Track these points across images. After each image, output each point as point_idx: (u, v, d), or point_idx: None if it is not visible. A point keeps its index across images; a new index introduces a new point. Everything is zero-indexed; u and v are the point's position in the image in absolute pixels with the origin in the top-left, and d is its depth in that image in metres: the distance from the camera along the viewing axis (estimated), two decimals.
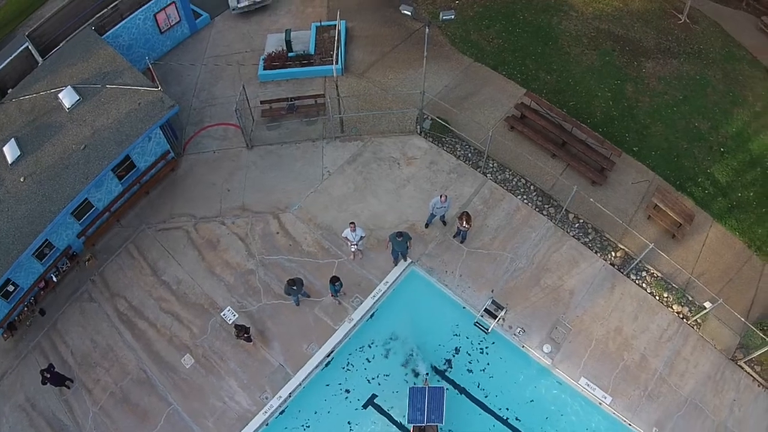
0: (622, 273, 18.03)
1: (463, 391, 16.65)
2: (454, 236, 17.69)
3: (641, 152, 20.09)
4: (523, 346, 16.93)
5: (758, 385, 17.49)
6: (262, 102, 20.05)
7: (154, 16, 21.32)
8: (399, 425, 16.02)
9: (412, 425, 14.93)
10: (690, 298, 18.01)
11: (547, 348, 16.81)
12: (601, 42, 22.60)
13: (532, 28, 23.16)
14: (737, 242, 19.23)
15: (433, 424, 14.86)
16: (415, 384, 16.08)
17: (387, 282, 17.11)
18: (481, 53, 22.18)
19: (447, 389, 15.64)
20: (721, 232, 19.31)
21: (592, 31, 22.88)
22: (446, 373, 16.80)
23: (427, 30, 16.59)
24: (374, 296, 16.93)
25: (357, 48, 22.45)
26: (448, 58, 21.92)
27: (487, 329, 16.79)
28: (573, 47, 22.58)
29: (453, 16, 16.19)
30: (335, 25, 20.75)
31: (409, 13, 16.20)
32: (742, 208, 19.90)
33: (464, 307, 17.24)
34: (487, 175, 19.00)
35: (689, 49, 22.72)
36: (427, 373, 16.59)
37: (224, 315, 16.97)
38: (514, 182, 18.89)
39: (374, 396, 16.41)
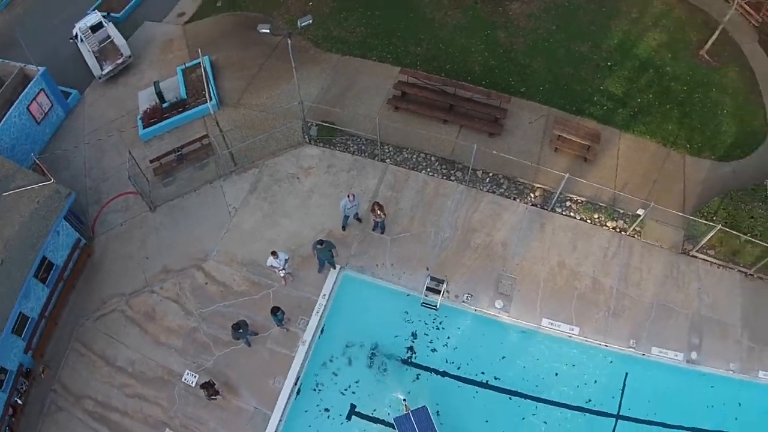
0: (547, 210, 22.72)
1: (434, 371, 20.68)
2: (373, 229, 22.25)
3: (529, 91, 25.68)
4: (475, 310, 21.12)
5: (717, 267, 22.49)
6: (151, 161, 24.07)
7: (27, 108, 25.13)
8: (387, 423, 19.80)
9: None
10: (621, 211, 23.00)
11: (499, 303, 21.38)
12: None
13: (391, 6, 28.22)
14: (650, 144, 24.78)
15: None
16: (398, 409, 19.99)
17: (325, 295, 21.18)
18: (346, 46, 27.38)
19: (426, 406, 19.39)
20: (631, 140, 24.86)
21: None
22: (412, 360, 20.71)
23: (289, 41, 20.54)
24: (317, 312, 20.90)
25: (226, 78, 27.06)
26: (316, 61, 27.16)
27: (436, 306, 20.94)
28: (435, 12, 28.30)
29: (311, 20, 20.22)
30: (200, 63, 25.59)
31: (268, 31, 20.17)
32: (645, 112, 25.51)
33: (407, 294, 21.37)
34: (386, 160, 23.94)
35: None
36: (404, 398, 20.23)
37: (185, 380, 20.36)
38: (414, 159, 23.81)
39: (353, 406, 20.20)
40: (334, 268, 21.30)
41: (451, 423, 19.74)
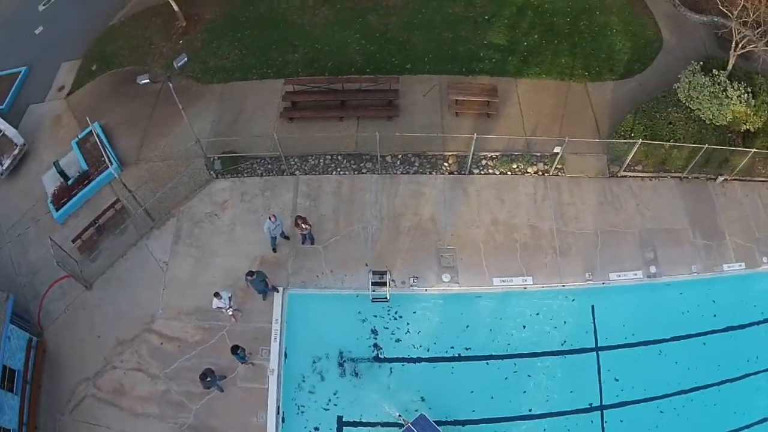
0: (465, 174, 26.01)
1: (406, 360, 23.67)
2: (303, 243, 25.20)
3: (415, 66, 28.92)
4: (426, 290, 24.20)
5: (650, 179, 26.61)
6: (73, 240, 25.85)
7: None
8: (379, 424, 22.85)
9: None
10: (539, 155, 26.53)
11: (446, 277, 24.40)
12: None
13: (259, 22, 31.35)
14: (549, 83, 28.51)
15: None
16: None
17: (277, 320, 23.67)
18: (226, 73, 30.01)
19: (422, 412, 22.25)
20: (529, 84, 28.54)
21: None
22: (381, 356, 23.54)
23: (170, 84, 22.98)
24: (275, 339, 23.38)
25: (120, 138, 29.25)
26: (201, 95, 29.46)
27: (386, 297, 23.74)
28: (303, 16, 31.41)
29: (186, 58, 22.90)
30: (91, 131, 27.16)
31: (148, 80, 22.91)
32: (535, 53, 29.22)
33: (356, 295, 24.14)
34: (296, 173, 26.77)
35: None
36: (399, 414, 22.89)
37: None
38: (322, 164, 26.52)
39: (340, 417, 22.95)
40: (277, 291, 24.04)
41: (438, 405, 22.96)
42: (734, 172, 26.94)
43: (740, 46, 24.96)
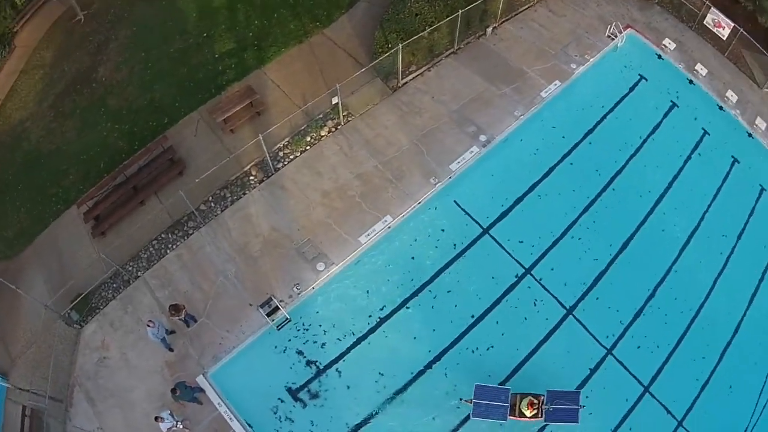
0: (272, 174, 26.08)
1: (342, 356, 23.79)
2: (189, 326, 23.84)
3: (172, 116, 27.99)
4: (312, 288, 24.25)
5: (428, 71, 28.88)
6: None
7: None
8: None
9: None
10: (322, 115, 26.98)
11: (321, 266, 24.21)
12: (59, 105, 30.60)
13: (21, 170, 29.66)
14: (291, 52, 28.78)
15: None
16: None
17: (219, 404, 22.90)
18: (26, 234, 27.96)
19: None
20: (276, 64, 28.46)
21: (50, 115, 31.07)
22: (321, 367, 23.51)
23: None
24: (231, 418, 22.72)
25: None
26: (20, 268, 27.26)
27: (287, 318, 23.65)
28: (54, 140, 29.94)
29: None
30: None
31: None
32: (264, 36, 29.42)
33: (261, 335, 23.93)
34: (139, 274, 25.73)
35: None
36: (460, 398, 23.18)
37: None
38: (154, 251, 25.61)
39: None
40: (202, 390, 23.35)
41: (398, 369, 23.64)
42: (498, 17, 28.43)
43: None
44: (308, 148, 26.41)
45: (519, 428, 22.85)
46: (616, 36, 29.95)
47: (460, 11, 27.09)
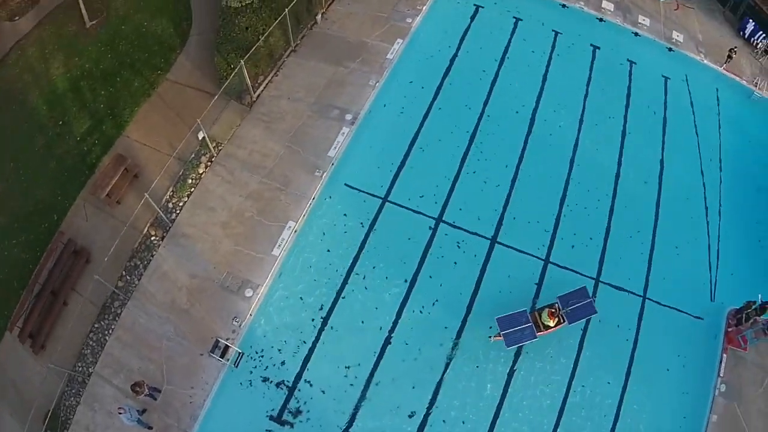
0: (169, 230, 26.13)
1: (304, 365, 24.22)
2: (155, 399, 23.82)
3: (60, 209, 27.10)
4: (250, 315, 24.65)
5: (275, 76, 28.74)
6: None
7: None
8: None
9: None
10: (194, 155, 27.40)
11: (249, 292, 24.73)
12: None
13: None
14: (144, 108, 29.17)
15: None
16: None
17: None
18: None
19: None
20: (136, 125, 28.77)
21: None
22: (289, 385, 23.76)
23: None
24: None
25: None
26: None
27: (239, 353, 23.92)
28: None
29: None
30: None
31: None
32: (114, 103, 29.47)
33: (224, 378, 24.02)
34: (90, 369, 25.47)
35: None
36: (490, 336, 24.07)
37: None
38: (91, 346, 25.13)
39: None
40: None
41: (357, 356, 24.43)
42: (324, 3, 30.34)
43: None
44: (193, 189, 26.50)
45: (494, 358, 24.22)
46: None
47: (286, 10, 27.35)
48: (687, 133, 31.09)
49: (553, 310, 24.00)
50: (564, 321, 24.21)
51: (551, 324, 24.06)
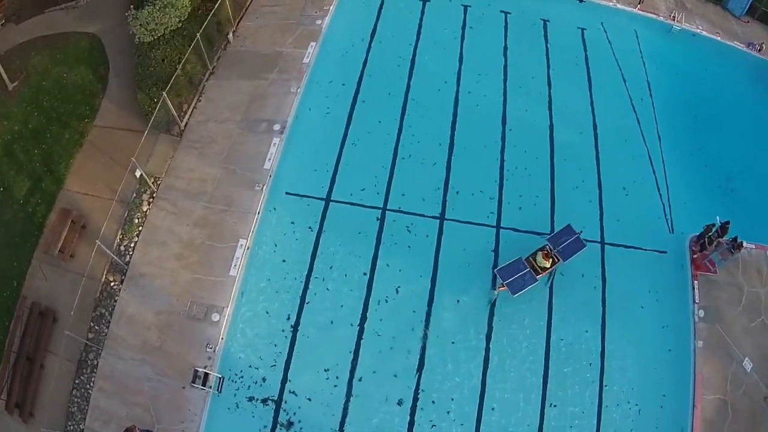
0: (126, 272, 26.20)
1: (283, 387, 24.21)
2: None
3: (18, 275, 26.63)
4: (221, 338, 24.86)
5: (196, 107, 28.59)
6: None
7: None
8: None
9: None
10: (135, 194, 27.63)
11: (215, 317, 24.97)
12: None
13: None
14: (79, 159, 28.88)
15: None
16: None
17: None
18: None
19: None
20: (73, 175, 28.63)
21: None
22: (275, 399, 23.59)
23: None
24: None
25: None
26: None
27: (219, 378, 24.07)
28: None
29: None
30: None
31: None
32: (51, 160, 29.38)
33: (210, 405, 24.13)
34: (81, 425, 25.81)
35: None
36: (494, 290, 24.72)
37: None
38: (76, 403, 24.59)
39: None
40: None
41: (333, 357, 24.61)
42: (233, 21, 30.82)
43: None
44: (141, 228, 26.60)
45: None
46: None
47: (198, 35, 27.47)
48: (613, 78, 31.95)
49: (546, 252, 24.69)
50: (559, 259, 25.03)
51: (547, 265, 24.92)
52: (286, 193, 26.96)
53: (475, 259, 26.09)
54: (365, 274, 25.72)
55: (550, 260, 24.97)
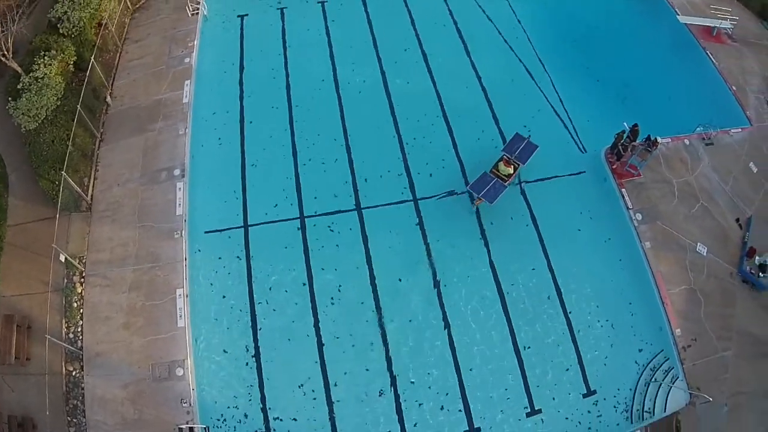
0: (83, 357, 26.25)
1: (266, 416, 24.14)
2: None
3: None
4: (192, 389, 25.01)
5: (95, 171, 27.79)
6: None
7: None
8: None
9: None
10: (66, 279, 27.44)
11: (179, 371, 25.02)
12: None
13: None
14: (2, 263, 28.90)
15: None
16: None
17: None
18: None
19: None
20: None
21: None
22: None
23: None
24: None
25: None
26: None
27: (205, 428, 24.20)
28: None
29: None
30: None
31: None
32: None
33: None
34: None
35: None
36: (473, 202, 25.78)
37: None
38: None
39: None
40: None
41: (303, 371, 24.83)
42: (107, 83, 30.65)
43: None
44: (82, 310, 26.65)
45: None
46: (197, 10, 31.64)
47: (78, 107, 27.92)
48: (483, 28, 32.53)
49: (505, 160, 25.86)
50: (519, 164, 26.14)
51: (511, 171, 26.04)
52: (205, 232, 27.08)
53: (403, 238, 26.80)
54: (304, 284, 26.09)
55: (512, 166, 26.04)
